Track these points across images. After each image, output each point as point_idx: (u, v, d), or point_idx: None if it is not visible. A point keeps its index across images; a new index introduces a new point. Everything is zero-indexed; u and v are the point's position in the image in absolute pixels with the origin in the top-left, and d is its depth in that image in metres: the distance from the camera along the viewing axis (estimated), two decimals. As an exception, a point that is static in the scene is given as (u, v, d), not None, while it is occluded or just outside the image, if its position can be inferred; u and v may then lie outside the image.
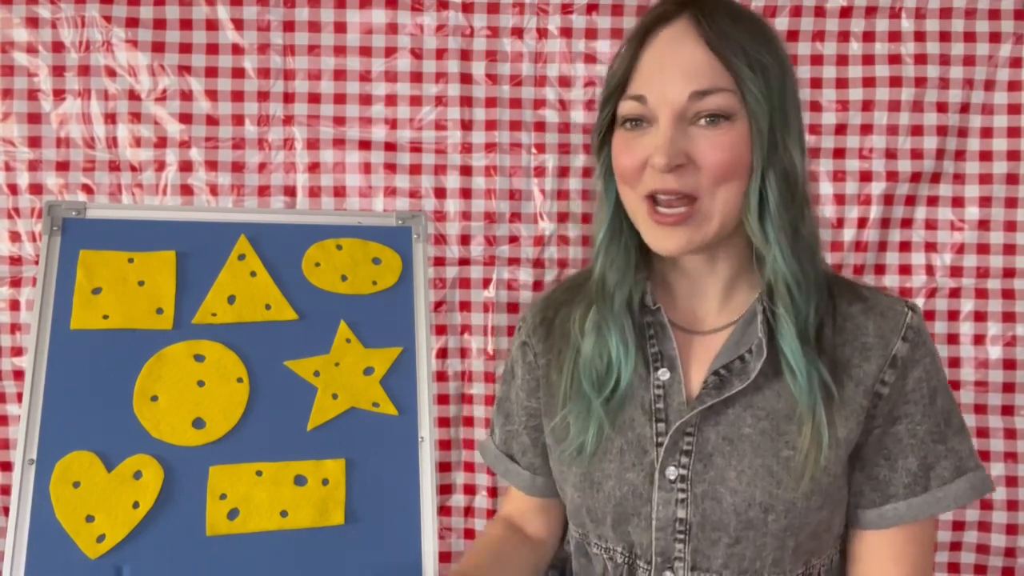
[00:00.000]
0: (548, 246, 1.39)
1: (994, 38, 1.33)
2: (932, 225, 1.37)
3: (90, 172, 1.34)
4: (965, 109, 1.35)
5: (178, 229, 0.89)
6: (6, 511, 1.09)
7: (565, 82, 1.37)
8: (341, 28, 1.36)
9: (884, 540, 0.74)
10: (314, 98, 1.36)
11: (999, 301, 1.36)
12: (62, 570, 0.75)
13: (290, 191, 1.37)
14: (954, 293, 1.37)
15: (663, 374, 0.75)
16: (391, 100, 1.37)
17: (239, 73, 1.35)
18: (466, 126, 1.37)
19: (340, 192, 1.37)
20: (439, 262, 1.39)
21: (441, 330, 1.40)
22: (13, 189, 1.33)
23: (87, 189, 1.34)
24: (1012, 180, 1.35)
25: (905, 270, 1.38)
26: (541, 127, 1.38)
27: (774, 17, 1.34)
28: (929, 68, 1.34)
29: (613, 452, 0.76)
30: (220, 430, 0.82)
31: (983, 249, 1.36)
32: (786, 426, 0.71)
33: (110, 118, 1.34)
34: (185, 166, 1.35)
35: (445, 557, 1.41)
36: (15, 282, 1.34)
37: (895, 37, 1.34)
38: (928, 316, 1.36)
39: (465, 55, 1.37)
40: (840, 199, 1.36)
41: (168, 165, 1.35)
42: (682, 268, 0.77)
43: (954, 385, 1.35)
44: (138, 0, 1.32)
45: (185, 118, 1.34)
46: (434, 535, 0.82)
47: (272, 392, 0.84)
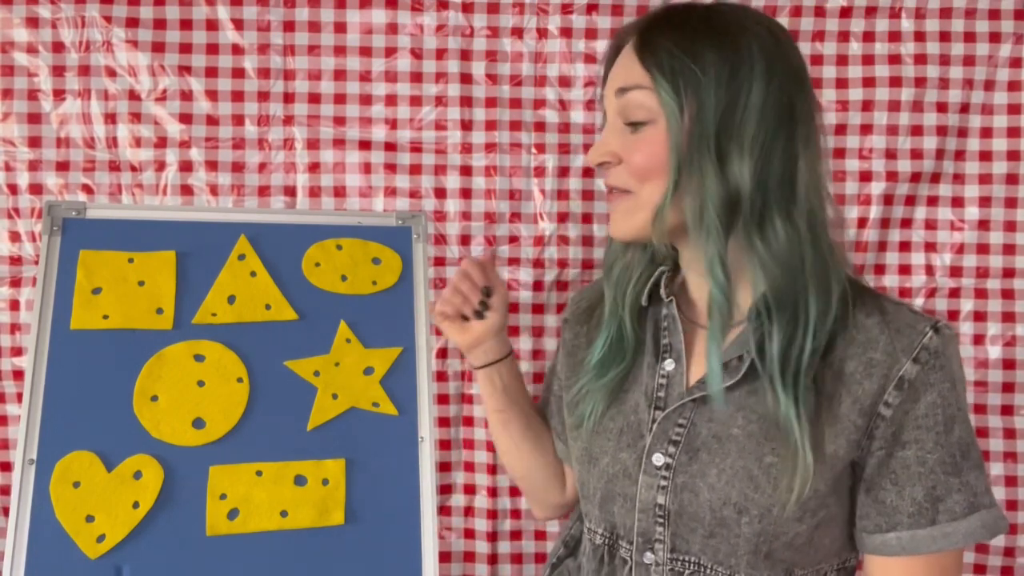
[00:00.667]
0: (548, 246, 1.39)
1: (994, 38, 1.33)
2: (932, 225, 1.37)
3: (90, 172, 1.34)
4: (965, 109, 1.35)
5: (178, 229, 0.89)
6: (6, 511, 1.09)
7: (565, 82, 1.37)
8: (341, 28, 1.35)
9: (896, 567, 0.70)
10: (314, 98, 1.36)
11: (999, 301, 1.36)
12: (62, 570, 0.75)
13: (290, 191, 1.37)
14: (954, 293, 1.37)
15: (669, 364, 0.78)
16: (391, 100, 1.37)
17: (239, 73, 1.35)
18: (466, 126, 1.37)
19: (340, 192, 1.37)
20: (439, 262, 1.39)
21: (441, 330, 1.40)
22: (13, 189, 1.33)
23: (87, 189, 1.34)
24: (1012, 180, 1.35)
25: (905, 270, 1.38)
26: (541, 127, 1.38)
27: (774, 17, 1.34)
28: (929, 68, 1.34)
29: (613, 432, 0.79)
30: (220, 430, 0.82)
31: (983, 249, 1.36)
32: (775, 432, 0.70)
33: (110, 118, 1.34)
34: (185, 166, 1.35)
35: (445, 557, 1.41)
36: (15, 282, 1.34)
37: (895, 37, 1.34)
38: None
39: (465, 55, 1.36)
40: (840, 199, 1.36)
41: (168, 165, 1.35)
42: (688, 263, 0.79)
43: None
44: (138, 0, 1.32)
45: (185, 118, 1.34)
46: (434, 535, 0.82)
47: (272, 392, 0.84)
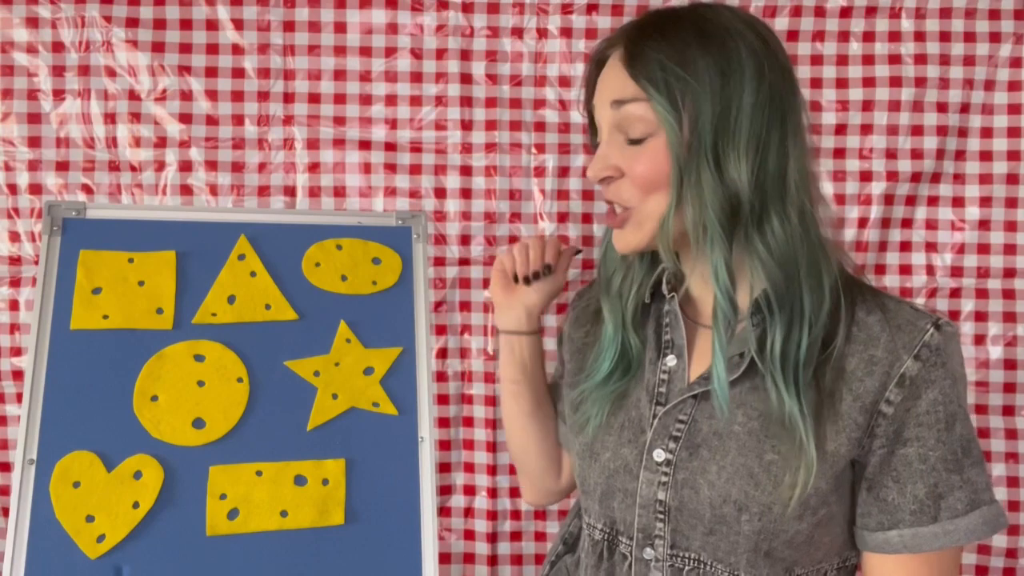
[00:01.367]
0: (548, 246, 1.39)
1: (994, 38, 1.33)
2: (932, 225, 1.37)
3: (90, 172, 1.34)
4: (965, 109, 1.35)
5: (178, 229, 0.89)
6: (6, 511, 1.09)
7: (565, 82, 1.37)
8: (341, 28, 1.35)
9: (897, 565, 0.70)
10: (314, 98, 1.36)
11: (999, 301, 1.36)
12: (62, 570, 0.74)
13: (290, 191, 1.37)
14: (954, 293, 1.37)
15: (670, 360, 0.79)
16: (391, 100, 1.37)
17: (239, 73, 1.35)
18: (466, 126, 1.37)
19: (340, 192, 1.37)
20: (439, 262, 1.39)
21: (441, 330, 1.40)
22: (13, 189, 1.33)
23: (87, 189, 1.34)
24: (1012, 180, 1.35)
25: (905, 270, 1.38)
26: (541, 127, 1.38)
27: (774, 17, 1.34)
28: (929, 68, 1.34)
29: (615, 427, 0.79)
30: (220, 430, 0.82)
31: (983, 249, 1.36)
32: (776, 429, 0.70)
33: (110, 118, 1.34)
34: (185, 166, 1.35)
35: (445, 558, 1.41)
36: (15, 282, 1.34)
37: (895, 37, 1.34)
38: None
39: (465, 55, 1.36)
40: (840, 199, 1.36)
41: (168, 165, 1.35)
42: (691, 268, 0.78)
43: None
44: (138, 0, 1.32)
45: (185, 118, 1.34)
46: (434, 536, 0.82)
47: (272, 392, 0.84)
